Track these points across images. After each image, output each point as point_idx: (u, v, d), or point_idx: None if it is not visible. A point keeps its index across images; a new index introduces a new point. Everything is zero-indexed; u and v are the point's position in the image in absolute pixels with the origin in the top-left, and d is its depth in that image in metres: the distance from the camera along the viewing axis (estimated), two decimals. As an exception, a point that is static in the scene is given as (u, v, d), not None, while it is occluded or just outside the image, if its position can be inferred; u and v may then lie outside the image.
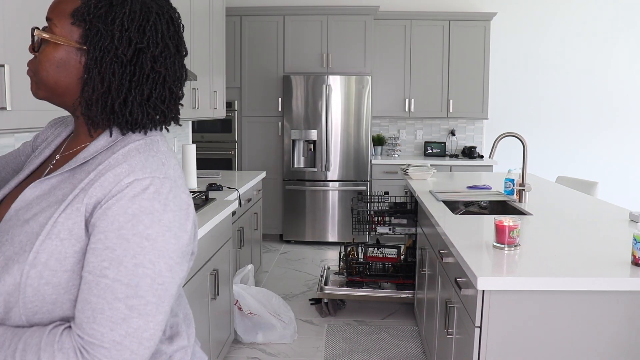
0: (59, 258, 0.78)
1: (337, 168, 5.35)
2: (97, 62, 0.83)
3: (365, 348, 3.10)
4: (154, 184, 0.80)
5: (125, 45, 0.83)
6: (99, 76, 0.83)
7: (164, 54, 0.87)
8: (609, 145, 5.89)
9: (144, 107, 0.86)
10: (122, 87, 0.84)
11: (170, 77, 0.89)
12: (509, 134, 2.98)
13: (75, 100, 0.87)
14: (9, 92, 1.46)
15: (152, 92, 0.87)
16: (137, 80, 0.85)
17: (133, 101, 0.85)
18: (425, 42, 5.54)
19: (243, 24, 5.42)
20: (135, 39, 0.84)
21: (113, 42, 0.83)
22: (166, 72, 0.88)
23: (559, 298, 1.59)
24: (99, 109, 0.85)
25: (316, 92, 5.27)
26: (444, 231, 2.13)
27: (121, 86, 0.84)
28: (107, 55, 0.83)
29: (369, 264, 3.57)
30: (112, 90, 0.84)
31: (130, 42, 0.84)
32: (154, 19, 0.86)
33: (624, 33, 5.75)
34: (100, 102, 0.84)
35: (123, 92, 0.84)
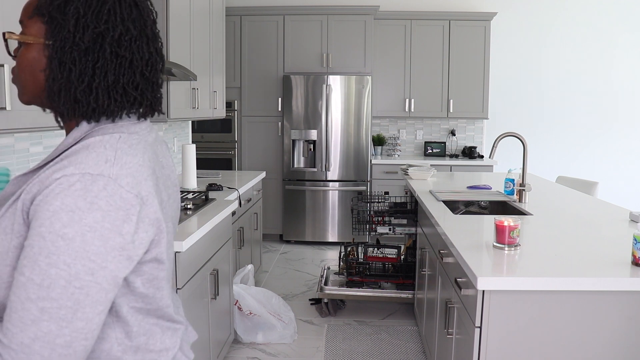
0: (1, 252, 0.77)
1: (337, 168, 5.35)
2: (58, 52, 0.82)
3: (365, 348, 3.10)
4: (82, 180, 0.75)
5: (83, 31, 0.81)
6: (60, 65, 0.82)
7: (126, 37, 0.84)
8: (609, 145, 5.89)
9: (111, 93, 0.84)
10: (85, 74, 0.82)
11: (139, 62, 0.86)
12: (509, 134, 2.98)
13: (43, 95, 0.86)
14: (8, 92, 1.46)
15: (119, 78, 0.84)
16: (100, 66, 0.82)
17: (97, 87, 0.83)
18: (425, 42, 5.54)
19: (243, 24, 5.42)
20: (93, 24, 0.81)
21: (70, 31, 0.81)
22: (132, 56, 0.85)
23: (559, 298, 1.59)
24: (61, 99, 0.83)
25: (316, 92, 5.27)
26: (444, 231, 2.13)
27: (83, 73, 0.82)
28: (67, 44, 0.81)
29: (369, 264, 3.57)
30: (72, 78, 0.82)
31: (87, 27, 0.81)
32: (111, 3, 0.83)
33: (624, 33, 5.75)
34: (63, 92, 0.83)
35: (86, 79, 0.82)
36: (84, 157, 0.78)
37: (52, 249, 0.72)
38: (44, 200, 0.74)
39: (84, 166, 0.76)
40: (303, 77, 5.27)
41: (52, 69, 0.82)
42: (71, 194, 0.74)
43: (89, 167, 0.76)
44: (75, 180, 0.75)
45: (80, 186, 0.75)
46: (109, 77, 0.83)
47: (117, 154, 0.80)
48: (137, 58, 0.86)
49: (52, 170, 0.77)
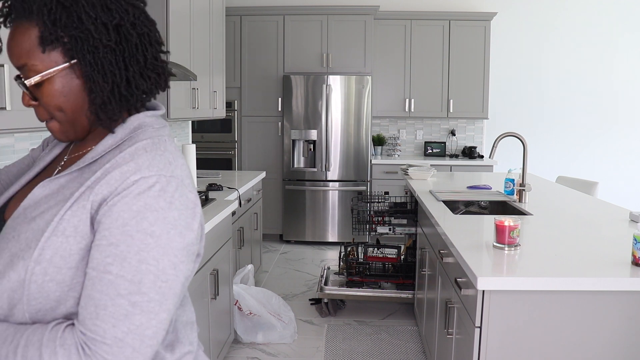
0: (63, 255, 0.78)
1: (337, 168, 5.35)
2: (93, 64, 0.81)
3: (365, 348, 3.10)
4: (160, 182, 0.79)
5: (104, 31, 0.81)
6: (101, 75, 0.82)
7: (135, 14, 0.84)
8: (609, 145, 5.89)
9: (144, 74, 0.86)
10: (121, 70, 0.83)
11: (153, 32, 0.88)
12: (509, 134, 2.98)
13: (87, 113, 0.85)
14: (8, 92, 1.46)
15: (146, 56, 0.86)
16: (129, 55, 0.84)
17: (134, 75, 0.84)
18: (425, 42, 5.54)
19: (243, 24, 5.42)
20: (107, 20, 0.81)
21: (94, 37, 0.80)
22: (147, 29, 0.86)
23: (559, 298, 1.59)
24: (114, 104, 0.84)
25: (316, 92, 5.27)
26: (444, 231, 2.13)
27: (121, 70, 0.83)
28: (99, 50, 0.81)
29: (369, 264, 3.57)
30: (116, 80, 0.83)
31: (106, 25, 0.81)
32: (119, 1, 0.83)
33: (624, 33, 5.75)
34: (112, 96, 0.84)
35: (124, 74, 0.84)
36: (151, 159, 0.81)
37: (142, 246, 0.76)
38: (122, 201, 0.77)
39: (156, 168, 0.80)
40: (303, 77, 5.27)
41: (95, 82, 0.82)
42: (152, 195, 0.78)
43: (160, 169, 0.80)
44: (154, 182, 0.79)
45: (160, 187, 0.79)
46: (139, 60, 0.85)
47: (173, 156, 0.85)
48: (152, 29, 0.88)
49: (120, 171, 0.79)
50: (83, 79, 0.82)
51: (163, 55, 0.90)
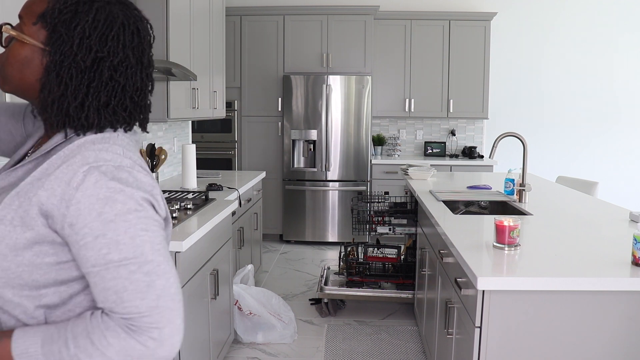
0: (9, 243, 0.81)
1: (337, 168, 5.35)
2: (57, 65, 0.85)
3: (365, 348, 3.10)
4: (110, 170, 0.82)
5: (85, 52, 0.86)
6: (57, 79, 0.86)
7: (124, 64, 0.89)
8: (609, 146, 5.89)
9: (102, 113, 0.88)
10: (79, 92, 0.86)
11: (131, 87, 0.91)
12: (509, 134, 2.98)
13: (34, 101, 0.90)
14: (8, 92, 1.46)
15: (110, 100, 0.89)
16: (95, 87, 0.87)
17: (90, 106, 0.87)
18: (425, 42, 5.54)
19: (243, 24, 5.42)
20: (96, 47, 0.86)
21: (72, 48, 0.85)
22: (126, 82, 0.90)
23: (559, 298, 1.59)
24: (53, 112, 0.86)
25: (316, 92, 5.27)
26: (444, 231, 2.13)
27: (78, 91, 0.86)
28: (67, 60, 0.85)
29: (369, 264, 3.57)
30: (68, 94, 0.86)
31: (90, 50, 0.86)
32: (117, 29, 0.88)
33: (624, 33, 5.75)
34: (56, 105, 0.86)
35: (80, 96, 0.86)
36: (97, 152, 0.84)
37: (126, 225, 0.80)
38: (86, 193, 0.80)
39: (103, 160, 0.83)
40: (303, 77, 5.27)
41: (49, 81, 0.86)
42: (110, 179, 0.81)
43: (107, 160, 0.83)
44: (105, 170, 0.82)
45: (112, 175, 0.82)
46: (101, 98, 0.88)
47: (122, 148, 0.87)
48: (130, 84, 0.91)
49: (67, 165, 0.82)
50: (43, 70, 0.87)
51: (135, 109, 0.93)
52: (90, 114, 0.87)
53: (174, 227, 2.21)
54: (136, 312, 0.80)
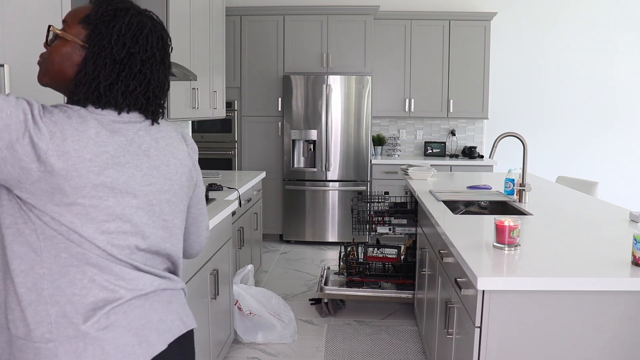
0: None
1: (337, 168, 5.35)
2: (94, 56, 1.04)
3: (365, 348, 3.10)
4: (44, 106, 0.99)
5: (120, 47, 1.05)
6: (93, 65, 1.04)
7: (151, 60, 1.09)
8: (609, 146, 5.89)
9: (126, 95, 1.06)
10: (110, 77, 1.05)
11: (154, 82, 1.11)
12: (509, 134, 2.98)
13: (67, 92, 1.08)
14: (8, 92, 1.46)
15: (136, 87, 1.07)
16: (124, 76, 1.06)
17: (118, 89, 1.05)
18: (425, 42, 5.54)
19: (243, 24, 5.42)
20: (129, 44, 1.06)
21: (110, 42, 1.05)
22: (151, 76, 1.10)
23: (559, 298, 1.59)
24: (84, 89, 1.04)
25: (316, 92, 5.27)
26: (444, 231, 2.13)
27: (109, 76, 1.05)
28: (103, 52, 1.04)
29: (369, 264, 3.57)
30: (100, 77, 1.04)
31: (124, 45, 1.05)
32: (146, 32, 1.09)
33: (624, 32, 5.75)
34: (88, 84, 1.04)
35: (110, 80, 1.04)
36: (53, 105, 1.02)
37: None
38: None
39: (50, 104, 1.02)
40: (303, 77, 5.27)
41: (86, 66, 1.05)
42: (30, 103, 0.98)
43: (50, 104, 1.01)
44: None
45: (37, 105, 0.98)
46: (129, 85, 1.06)
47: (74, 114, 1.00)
48: (154, 78, 1.10)
49: None
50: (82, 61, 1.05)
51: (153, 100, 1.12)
52: (117, 94, 1.05)
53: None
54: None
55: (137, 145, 1.07)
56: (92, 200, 0.98)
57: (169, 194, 1.13)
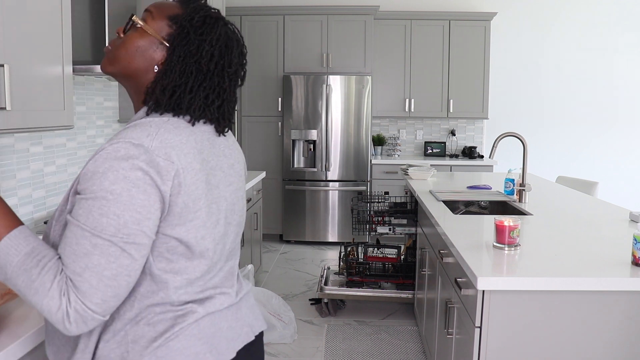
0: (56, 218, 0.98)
1: (337, 168, 5.35)
2: (180, 61, 1.01)
3: (365, 348, 3.10)
4: (125, 147, 0.90)
5: (208, 57, 1.02)
6: (179, 71, 1.01)
7: (232, 75, 1.07)
8: (609, 146, 5.89)
9: (204, 108, 1.03)
10: (194, 86, 1.01)
11: (230, 97, 1.08)
12: (509, 134, 2.98)
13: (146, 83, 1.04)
14: (8, 92, 1.46)
15: (214, 101, 1.04)
16: (205, 87, 1.03)
17: (198, 100, 1.02)
18: (425, 42, 5.54)
19: (243, 24, 5.42)
20: (217, 56, 1.03)
21: (198, 50, 1.01)
22: (229, 90, 1.07)
23: (559, 298, 1.59)
24: (166, 95, 1.00)
25: (316, 92, 5.27)
26: (444, 231, 2.13)
27: (193, 85, 1.01)
28: (191, 59, 1.01)
29: (369, 264, 3.57)
30: (186, 85, 1.01)
31: (212, 57, 1.02)
32: (233, 46, 1.06)
33: (624, 32, 5.75)
34: (171, 90, 1.00)
35: (193, 90, 1.01)
36: (130, 132, 0.93)
37: (103, 202, 0.87)
38: (93, 164, 0.89)
39: (129, 138, 0.91)
40: (303, 77, 5.27)
41: (172, 70, 1.01)
42: (116, 157, 0.89)
43: (132, 138, 0.91)
44: (120, 147, 0.90)
45: (124, 152, 0.89)
46: (209, 97, 1.03)
47: (160, 130, 0.94)
48: (230, 93, 1.07)
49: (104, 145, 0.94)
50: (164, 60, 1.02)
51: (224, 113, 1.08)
52: (195, 102, 1.01)
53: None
54: (65, 266, 0.88)
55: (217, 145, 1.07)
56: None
57: (242, 191, 1.16)
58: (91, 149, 2.64)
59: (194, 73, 1.01)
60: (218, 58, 1.03)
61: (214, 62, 1.02)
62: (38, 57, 1.64)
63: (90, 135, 2.64)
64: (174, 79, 1.01)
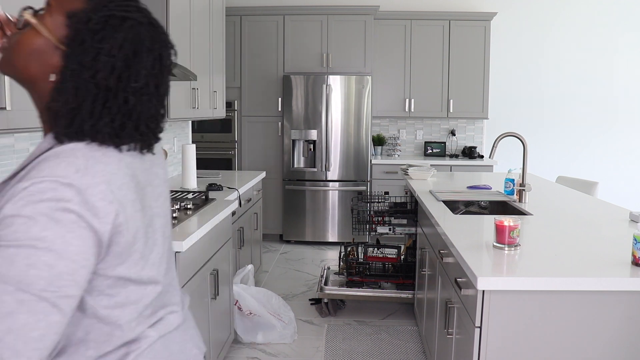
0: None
1: (337, 168, 5.35)
2: (74, 75, 0.81)
3: (365, 348, 3.10)
4: (52, 188, 0.74)
5: (108, 71, 0.82)
6: (73, 90, 0.81)
7: (142, 90, 0.86)
8: (609, 145, 5.89)
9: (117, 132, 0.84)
10: (95, 111, 0.82)
11: (144, 115, 0.88)
12: (509, 134, 2.98)
13: (42, 101, 0.86)
14: (8, 92, 1.46)
15: (125, 123, 0.85)
16: (109, 108, 0.83)
17: (104, 127, 0.83)
18: (425, 42, 5.54)
19: (243, 24, 5.42)
20: (119, 70, 0.82)
21: (94, 62, 0.81)
22: (141, 108, 0.87)
23: (559, 298, 1.59)
24: (64, 123, 0.82)
25: (316, 92, 5.27)
26: (444, 231, 2.13)
27: (94, 108, 0.82)
28: (86, 73, 0.81)
29: (369, 264, 3.57)
30: (83, 109, 0.81)
31: (113, 70, 0.82)
32: (142, 53, 0.85)
33: (624, 32, 5.75)
34: (68, 117, 0.82)
35: (96, 114, 0.82)
36: (54, 166, 0.76)
37: (32, 251, 0.72)
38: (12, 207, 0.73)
39: (53, 176, 0.75)
40: (303, 77, 5.27)
41: (65, 90, 0.82)
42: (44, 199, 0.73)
43: (58, 176, 0.75)
44: (45, 188, 0.74)
45: (52, 194, 0.74)
46: (115, 120, 0.84)
47: (89, 162, 0.79)
48: (144, 111, 0.87)
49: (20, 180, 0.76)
50: (58, 72, 0.82)
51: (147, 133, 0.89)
52: (104, 134, 0.83)
53: (174, 227, 2.20)
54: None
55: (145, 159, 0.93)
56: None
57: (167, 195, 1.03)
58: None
59: (91, 91, 0.81)
60: (121, 70, 0.83)
61: (116, 77, 0.82)
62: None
63: (90, 135, 2.63)
64: (68, 100, 0.81)
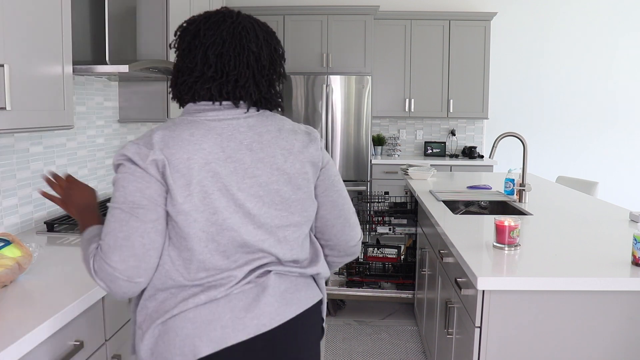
0: None
1: (337, 168, 5.34)
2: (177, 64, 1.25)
3: (365, 348, 3.10)
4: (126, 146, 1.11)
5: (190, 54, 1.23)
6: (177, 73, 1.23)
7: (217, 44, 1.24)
8: (609, 146, 5.89)
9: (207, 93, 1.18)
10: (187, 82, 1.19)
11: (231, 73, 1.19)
12: (509, 134, 2.98)
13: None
14: (8, 92, 1.46)
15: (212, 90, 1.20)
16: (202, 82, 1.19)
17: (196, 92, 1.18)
18: (425, 42, 5.54)
19: (243, 24, 5.41)
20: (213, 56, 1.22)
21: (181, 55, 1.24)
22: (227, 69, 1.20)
23: (559, 298, 1.59)
24: (172, 93, 1.24)
25: (316, 92, 5.27)
26: (444, 231, 2.13)
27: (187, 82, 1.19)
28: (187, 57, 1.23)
29: (369, 264, 3.57)
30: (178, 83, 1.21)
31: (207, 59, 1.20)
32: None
33: (624, 32, 5.75)
34: (174, 89, 1.23)
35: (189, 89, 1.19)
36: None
37: (115, 188, 1.10)
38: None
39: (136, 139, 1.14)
40: (303, 77, 5.27)
41: (172, 73, 1.23)
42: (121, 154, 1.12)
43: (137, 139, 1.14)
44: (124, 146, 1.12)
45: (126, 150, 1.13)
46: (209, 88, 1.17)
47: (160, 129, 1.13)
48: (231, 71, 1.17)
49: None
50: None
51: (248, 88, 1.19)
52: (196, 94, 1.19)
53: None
54: (100, 239, 1.09)
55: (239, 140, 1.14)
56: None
57: (279, 184, 1.17)
58: (91, 149, 2.64)
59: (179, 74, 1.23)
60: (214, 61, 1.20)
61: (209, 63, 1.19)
62: (38, 57, 1.64)
63: (90, 135, 2.64)
64: (172, 79, 1.24)
